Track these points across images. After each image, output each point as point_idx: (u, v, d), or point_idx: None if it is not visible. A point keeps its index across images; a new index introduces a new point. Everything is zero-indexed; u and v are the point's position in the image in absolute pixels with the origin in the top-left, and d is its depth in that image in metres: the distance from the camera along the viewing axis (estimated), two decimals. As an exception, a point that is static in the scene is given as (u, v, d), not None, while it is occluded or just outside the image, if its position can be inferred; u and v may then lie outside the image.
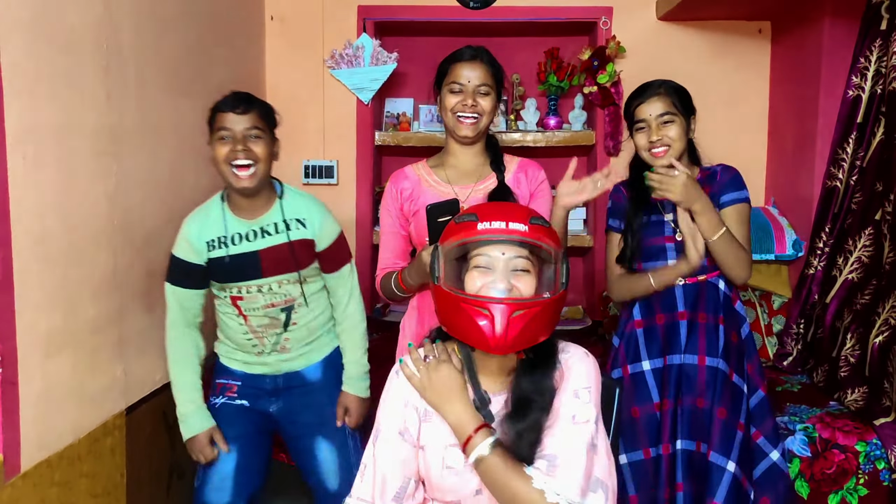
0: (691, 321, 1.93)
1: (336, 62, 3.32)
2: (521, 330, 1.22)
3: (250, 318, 1.94)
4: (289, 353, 2.00)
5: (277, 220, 1.91)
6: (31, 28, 1.65)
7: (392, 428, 1.33)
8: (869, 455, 2.13)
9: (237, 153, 1.80)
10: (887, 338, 2.19)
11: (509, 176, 1.91)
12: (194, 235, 1.90)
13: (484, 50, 1.89)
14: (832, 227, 2.53)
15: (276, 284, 1.91)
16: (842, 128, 2.50)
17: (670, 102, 1.91)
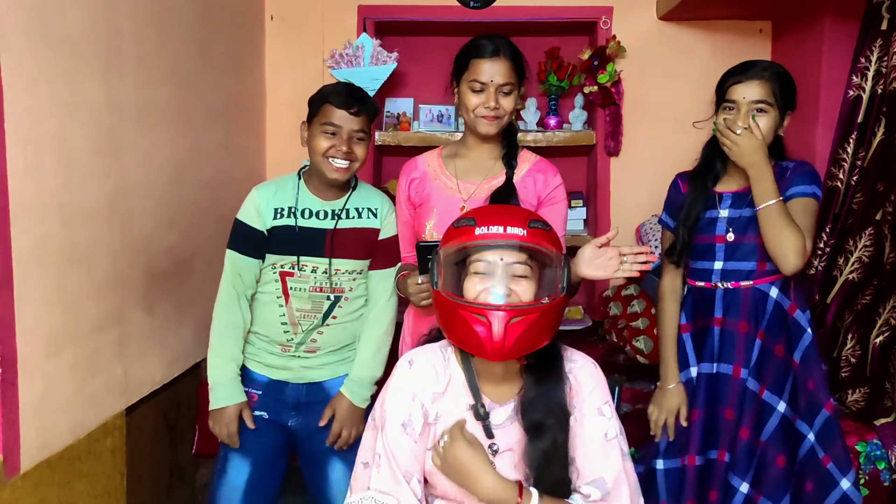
0: (727, 329, 1.82)
1: (336, 62, 3.32)
2: (519, 336, 1.20)
3: (294, 298, 1.87)
4: (315, 358, 1.92)
5: (350, 207, 1.90)
6: (31, 28, 1.65)
7: (397, 418, 1.32)
8: (869, 455, 2.13)
9: (339, 152, 1.81)
10: (888, 338, 2.19)
11: (520, 175, 1.84)
12: (263, 200, 1.88)
13: (505, 41, 1.78)
14: (833, 228, 2.53)
15: (333, 268, 1.87)
16: (842, 128, 2.50)
17: (771, 90, 1.74)
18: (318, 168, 1.85)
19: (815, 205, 1.78)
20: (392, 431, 1.32)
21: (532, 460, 1.26)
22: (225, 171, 2.83)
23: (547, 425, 1.26)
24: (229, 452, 1.93)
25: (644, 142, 3.32)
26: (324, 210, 1.88)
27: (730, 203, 1.83)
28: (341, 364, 1.95)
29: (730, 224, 1.81)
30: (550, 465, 1.25)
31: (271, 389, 1.93)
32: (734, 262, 1.82)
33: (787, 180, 1.79)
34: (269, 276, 1.89)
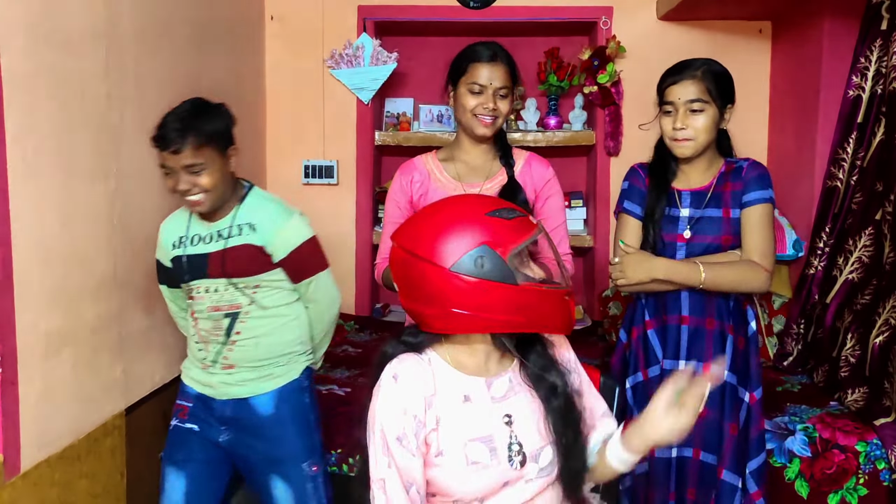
0: (696, 327, 1.83)
1: (336, 62, 3.32)
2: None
3: (199, 320, 1.87)
4: (234, 374, 1.86)
5: (231, 224, 1.84)
6: (31, 28, 1.65)
7: (392, 434, 1.29)
8: (869, 455, 2.13)
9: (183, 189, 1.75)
10: (887, 338, 2.19)
11: (517, 171, 1.90)
12: (164, 237, 1.93)
13: (500, 48, 1.86)
14: (832, 227, 2.53)
15: (221, 287, 1.83)
16: (842, 128, 2.50)
17: (704, 88, 1.76)
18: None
19: (770, 210, 1.82)
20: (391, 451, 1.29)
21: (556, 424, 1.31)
22: (225, 171, 2.83)
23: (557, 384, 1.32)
24: (166, 467, 1.89)
25: (644, 142, 3.29)
26: (210, 234, 1.85)
27: (689, 202, 1.84)
28: (264, 380, 1.88)
29: (690, 223, 1.83)
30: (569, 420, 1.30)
31: (200, 403, 1.90)
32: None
33: (744, 181, 1.81)
34: (183, 301, 1.96)
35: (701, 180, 1.86)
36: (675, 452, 1.87)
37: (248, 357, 1.86)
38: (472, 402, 1.31)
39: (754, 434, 1.85)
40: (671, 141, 1.81)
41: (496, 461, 1.28)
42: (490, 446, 1.28)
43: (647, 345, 1.92)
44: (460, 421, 1.29)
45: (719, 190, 1.84)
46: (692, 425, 1.25)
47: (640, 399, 1.92)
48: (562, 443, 1.30)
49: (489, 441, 1.29)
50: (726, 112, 1.83)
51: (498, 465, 1.28)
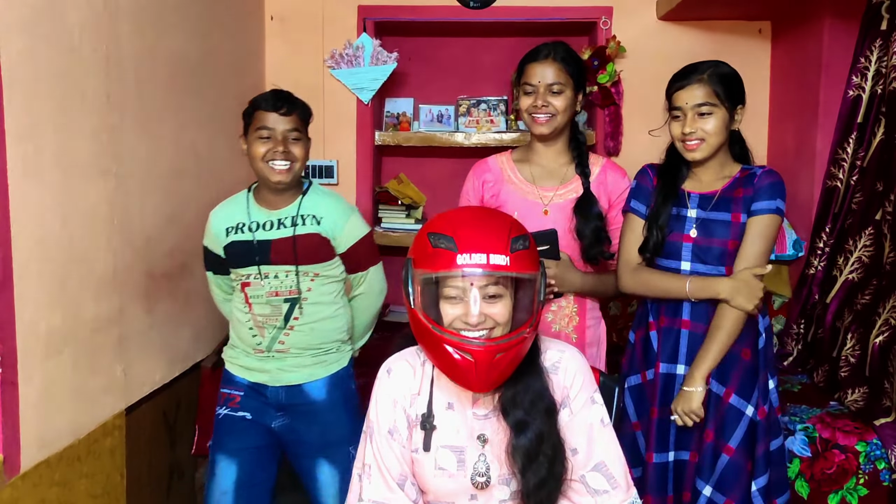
0: (696, 332, 1.81)
1: (336, 62, 3.32)
2: (503, 369, 1.22)
3: (255, 305, 1.94)
4: (289, 359, 1.94)
5: (293, 214, 1.94)
6: (31, 28, 1.65)
7: (383, 426, 1.34)
8: (869, 455, 2.13)
9: (276, 153, 1.86)
10: (888, 338, 2.19)
11: (593, 179, 1.89)
12: (215, 223, 1.99)
13: (560, 46, 1.86)
14: (832, 227, 2.53)
15: (282, 273, 1.91)
16: (842, 128, 2.50)
17: (711, 91, 1.76)
18: (262, 175, 1.90)
19: (776, 221, 1.79)
20: (380, 439, 1.33)
21: (516, 457, 1.26)
22: (224, 171, 2.83)
23: (529, 421, 1.26)
24: (217, 455, 1.95)
25: (644, 142, 3.31)
26: (270, 221, 1.94)
27: (697, 203, 1.83)
28: (318, 367, 1.97)
29: (697, 224, 1.81)
30: (535, 460, 1.25)
31: (252, 391, 1.96)
32: (703, 265, 1.81)
33: (755, 189, 1.79)
34: (235, 287, 1.99)
35: (712, 184, 1.85)
36: (672, 456, 1.86)
37: (303, 342, 1.94)
38: (454, 412, 1.33)
39: (759, 452, 1.80)
40: (681, 145, 1.81)
41: (461, 473, 1.30)
42: (459, 458, 1.31)
43: (647, 346, 1.91)
44: (438, 426, 1.32)
45: (730, 194, 1.82)
46: None
47: (635, 400, 1.93)
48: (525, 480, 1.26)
49: (459, 452, 1.31)
50: (736, 113, 1.82)
51: (463, 479, 1.30)
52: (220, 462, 1.94)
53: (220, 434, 1.96)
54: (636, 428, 1.93)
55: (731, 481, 1.78)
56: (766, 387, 1.84)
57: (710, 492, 1.79)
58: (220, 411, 1.99)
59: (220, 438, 1.96)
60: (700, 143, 1.78)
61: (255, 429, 1.95)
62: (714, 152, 1.80)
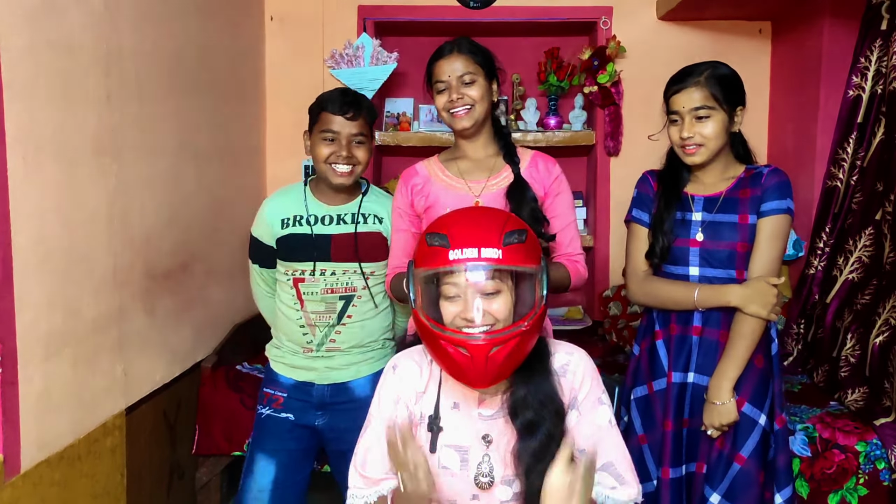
0: (707, 339, 1.77)
1: (336, 62, 3.32)
2: (501, 363, 1.20)
3: (307, 302, 1.92)
4: (338, 357, 1.94)
5: (354, 212, 1.94)
6: (31, 28, 1.65)
7: (381, 419, 1.35)
8: (869, 455, 2.13)
9: (340, 158, 1.86)
10: (888, 338, 2.19)
11: (523, 168, 1.85)
12: (270, 213, 1.96)
13: (463, 40, 1.83)
14: (832, 227, 2.53)
15: (339, 270, 1.91)
16: (842, 128, 2.50)
17: (709, 94, 1.72)
18: (323, 175, 1.90)
19: (786, 222, 1.75)
20: (372, 434, 1.36)
21: (522, 459, 1.26)
22: (224, 171, 2.83)
23: (539, 423, 1.26)
24: (256, 453, 1.96)
25: (644, 142, 3.30)
26: (329, 215, 1.94)
27: (701, 206, 1.80)
28: (365, 364, 1.97)
29: (703, 227, 1.77)
30: (542, 461, 1.23)
31: (297, 391, 1.96)
32: (712, 269, 1.77)
33: (763, 189, 1.75)
34: (284, 283, 1.96)
35: (716, 185, 1.80)
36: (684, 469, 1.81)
37: (354, 339, 1.94)
38: (459, 411, 1.33)
39: (781, 463, 1.78)
40: (680, 150, 1.78)
41: (464, 473, 1.30)
42: (462, 457, 1.31)
43: (654, 356, 1.86)
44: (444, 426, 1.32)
45: (735, 195, 1.78)
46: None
47: (642, 412, 1.87)
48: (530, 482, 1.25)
49: (463, 452, 1.31)
50: (736, 115, 1.78)
51: (466, 478, 1.30)
52: (259, 461, 1.95)
53: (262, 433, 1.96)
54: (642, 441, 1.86)
55: (741, 490, 1.73)
56: (780, 394, 1.80)
57: (719, 500, 1.75)
58: (262, 411, 1.98)
59: (261, 438, 1.96)
60: (699, 147, 1.74)
61: (297, 430, 1.96)
62: (714, 156, 1.77)
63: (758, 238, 1.73)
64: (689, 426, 1.80)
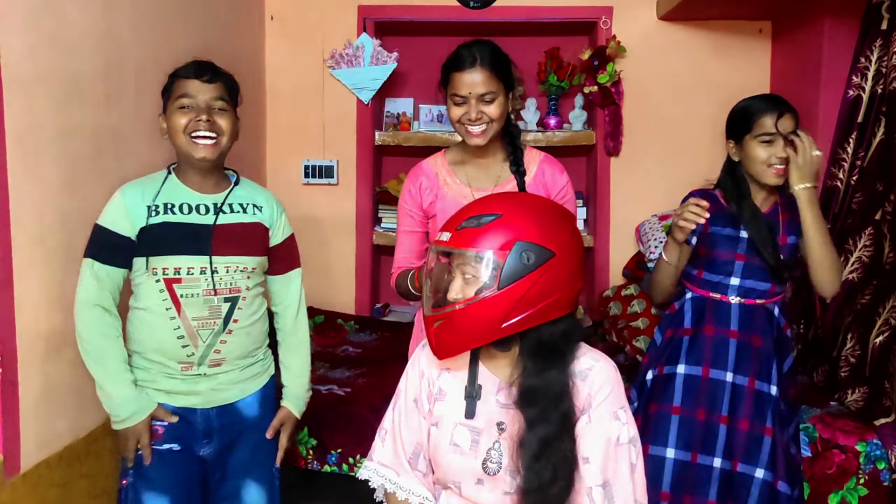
0: (744, 342, 1.89)
1: (336, 62, 3.32)
2: (443, 338, 1.26)
3: (186, 307, 1.62)
4: (222, 376, 1.70)
5: (232, 201, 1.72)
6: (31, 28, 1.65)
7: (410, 395, 1.40)
8: (869, 455, 2.13)
9: (200, 123, 1.61)
10: (887, 338, 2.19)
11: (530, 177, 1.82)
12: (132, 198, 1.63)
13: (485, 48, 1.73)
14: (833, 227, 2.53)
15: (222, 267, 1.66)
16: (842, 128, 2.50)
17: (796, 123, 1.86)
18: (184, 150, 1.64)
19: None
20: (401, 408, 1.40)
21: (523, 453, 1.25)
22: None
23: (543, 420, 1.26)
24: (143, 494, 1.66)
25: (644, 142, 3.32)
26: (203, 204, 1.68)
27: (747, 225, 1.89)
28: (251, 381, 1.76)
29: (749, 244, 1.88)
30: (539, 461, 1.23)
31: (178, 421, 1.68)
32: (752, 280, 1.90)
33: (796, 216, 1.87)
34: (151, 287, 1.62)
35: (761, 205, 1.92)
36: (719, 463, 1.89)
37: (240, 349, 1.71)
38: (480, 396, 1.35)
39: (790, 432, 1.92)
40: (766, 168, 1.84)
41: (473, 454, 1.31)
42: (474, 438, 1.32)
43: (676, 347, 1.97)
44: (461, 404, 1.34)
45: (777, 217, 1.91)
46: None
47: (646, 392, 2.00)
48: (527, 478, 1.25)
49: (476, 433, 1.32)
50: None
51: (473, 459, 1.31)
52: (148, 501, 1.66)
53: (147, 470, 1.65)
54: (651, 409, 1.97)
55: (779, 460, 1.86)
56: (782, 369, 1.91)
57: (763, 473, 1.85)
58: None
59: (145, 475, 1.65)
60: (783, 169, 1.83)
61: (185, 459, 1.69)
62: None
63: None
64: (728, 423, 1.88)
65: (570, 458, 1.25)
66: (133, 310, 1.67)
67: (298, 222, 3.44)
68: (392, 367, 1.56)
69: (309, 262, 3.46)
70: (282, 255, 1.81)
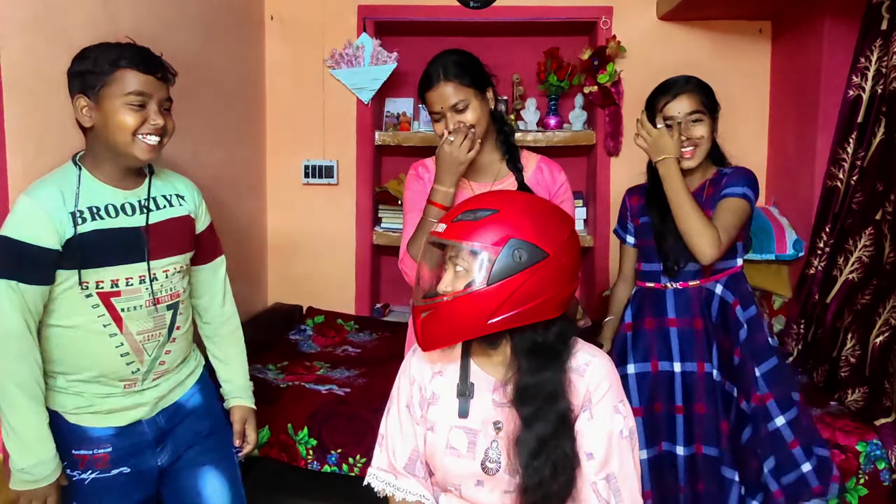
0: (684, 329, 1.91)
1: (336, 62, 3.32)
2: (429, 329, 1.26)
3: (129, 322, 1.47)
4: (168, 377, 1.59)
5: (156, 195, 1.55)
6: (31, 28, 1.65)
7: (402, 401, 1.40)
8: (869, 455, 2.13)
9: (153, 128, 1.45)
10: (888, 338, 2.19)
11: (528, 175, 1.83)
12: (53, 205, 1.40)
13: (447, 59, 1.75)
14: (833, 227, 2.53)
15: (161, 272, 1.51)
16: (842, 128, 2.50)
17: (699, 100, 1.87)
18: (125, 150, 1.44)
19: (741, 204, 1.85)
20: (394, 415, 1.40)
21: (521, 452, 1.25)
22: (224, 172, 2.83)
23: (539, 418, 1.25)
24: None
25: (644, 142, 3.32)
26: (129, 203, 1.49)
27: None
28: (190, 377, 1.67)
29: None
30: (537, 459, 1.23)
31: (123, 438, 1.52)
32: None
33: (726, 181, 1.89)
34: (79, 303, 1.43)
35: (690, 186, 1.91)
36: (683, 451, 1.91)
37: (182, 352, 1.61)
38: (473, 396, 1.34)
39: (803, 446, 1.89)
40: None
41: (471, 456, 1.31)
42: (471, 440, 1.32)
43: (622, 342, 2.02)
44: (455, 406, 1.34)
45: (700, 196, 1.91)
46: None
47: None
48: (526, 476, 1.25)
49: (472, 435, 1.32)
50: (716, 122, 1.92)
51: (471, 462, 1.31)
52: None
53: (91, 499, 1.49)
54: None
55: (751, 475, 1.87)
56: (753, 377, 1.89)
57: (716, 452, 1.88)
58: (84, 476, 1.48)
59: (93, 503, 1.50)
60: (695, 149, 1.87)
61: (137, 483, 1.54)
62: (703, 159, 1.90)
63: (716, 211, 1.85)
64: (684, 412, 1.91)
65: (570, 454, 1.25)
66: (51, 328, 1.44)
67: (298, 222, 3.46)
68: (392, 367, 1.55)
69: (309, 263, 3.48)
70: (207, 244, 1.69)
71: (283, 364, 2.76)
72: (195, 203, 1.65)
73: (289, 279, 3.47)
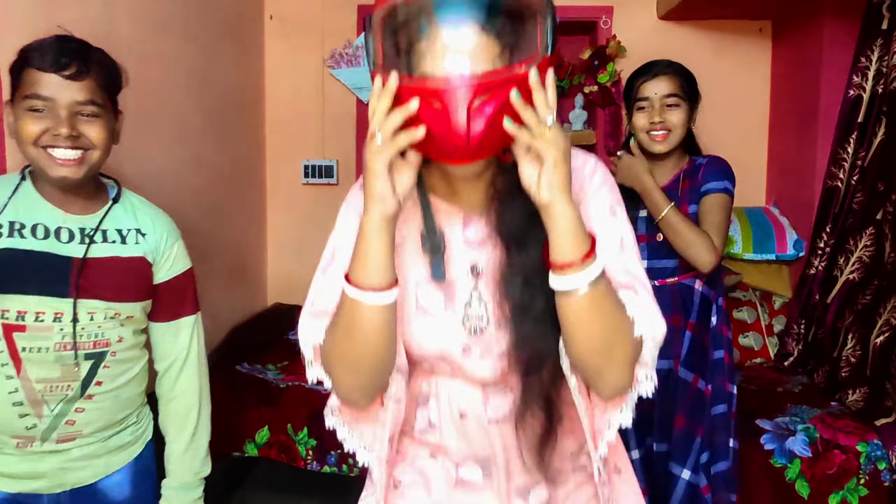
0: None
1: (336, 62, 3.32)
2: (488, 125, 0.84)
3: (30, 365, 1.23)
4: (74, 451, 1.30)
5: (109, 226, 1.31)
6: (31, 27, 1.65)
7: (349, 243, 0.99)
8: (870, 455, 2.12)
9: (58, 139, 1.20)
10: (888, 338, 2.18)
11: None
12: None
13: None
14: (833, 227, 2.53)
15: (85, 314, 1.26)
16: (843, 127, 2.50)
17: (678, 84, 1.81)
18: (35, 164, 1.23)
19: (726, 200, 1.82)
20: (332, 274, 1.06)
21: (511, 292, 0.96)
22: (224, 172, 2.83)
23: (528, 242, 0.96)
24: None
25: (644, 142, 3.32)
26: (67, 229, 1.27)
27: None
28: (117, 452, 1.35)
29: (648, 223, 1.86)
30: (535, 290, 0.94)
31: None
32: (657, 260, 1.87)
33: (701, 177, 1.84)
34: None
35: (663, 180, 1.89)
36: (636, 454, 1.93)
37: (103, 418, 1.32)
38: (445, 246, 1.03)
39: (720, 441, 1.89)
40: (646, 136, 1.83)
41: (449, 314, 1.01)
42: (447, 292, 1.01)
43: None
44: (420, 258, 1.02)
45: (675, 188, 1.87)
46: None
47: None
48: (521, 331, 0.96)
49: (447, 288, 1.01)
50: (695, 111, 1.87)
51: (452, 322, 1.01)
52: None
53: None
54: None
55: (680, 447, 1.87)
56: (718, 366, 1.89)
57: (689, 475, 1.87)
58: None
59: None
60: (667, 134, 1.82)
61: None
62: (675, 147, 1.84)
63: (702, 211, 1.82)
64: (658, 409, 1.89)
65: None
66: None
67: (299, 222, 3.46)
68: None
69: (309, 263, 3.48)
70: (167, 298, 1.40)
71: (283, 364, 2.76)
72: (159, 246, 1.38)
73: (289, 279, 3.47)
